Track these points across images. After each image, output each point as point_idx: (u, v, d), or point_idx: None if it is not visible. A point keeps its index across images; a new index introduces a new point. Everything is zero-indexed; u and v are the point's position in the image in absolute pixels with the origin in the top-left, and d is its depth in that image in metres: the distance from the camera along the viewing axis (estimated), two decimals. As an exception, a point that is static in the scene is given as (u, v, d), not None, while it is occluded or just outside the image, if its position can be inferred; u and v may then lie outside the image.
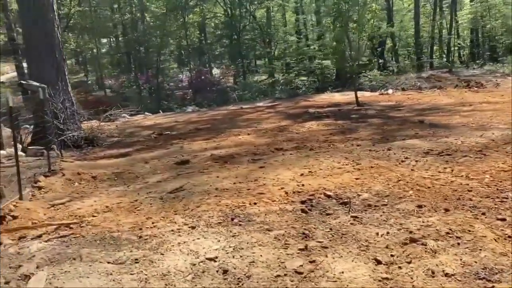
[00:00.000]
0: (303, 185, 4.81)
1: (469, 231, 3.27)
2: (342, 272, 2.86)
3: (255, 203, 4.34)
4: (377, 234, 3.41)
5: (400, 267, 2.89)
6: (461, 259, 2.88)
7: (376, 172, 5.09)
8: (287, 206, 4.21)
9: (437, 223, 3.47)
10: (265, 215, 4.02)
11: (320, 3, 22.91)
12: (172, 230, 3.84)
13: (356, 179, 4.88)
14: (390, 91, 17.57)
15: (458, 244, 3.10)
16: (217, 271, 3.04)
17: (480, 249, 2.98)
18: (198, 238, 3.63)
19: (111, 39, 30.97)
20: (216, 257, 3.26)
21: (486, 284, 2.58)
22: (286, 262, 3.05)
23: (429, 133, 7.35)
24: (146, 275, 3.05)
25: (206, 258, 3.25)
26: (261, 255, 3.22)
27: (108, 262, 3.28)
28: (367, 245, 3.24)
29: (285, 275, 2.89)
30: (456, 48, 32.13)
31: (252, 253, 3.27)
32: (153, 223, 4.09)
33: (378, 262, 2.97)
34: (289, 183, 4.96)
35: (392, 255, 3.05)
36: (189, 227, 3.89)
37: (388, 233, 3.40)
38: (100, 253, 3.44)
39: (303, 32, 29.24)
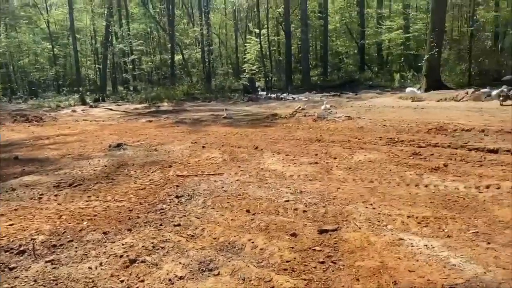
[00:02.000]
0: None
1: (167, 240, 3.82)
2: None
3: None
4: (90, 268, 3.36)
5: (138, 288, 3.07)
6: (180, 262, 3.39)
7: (27, 213, 4.67)
8: None
9: (136, 242, 3.79)
10: None
11: None
12: None
13: (10, 225, 4.32)
14: None
15: (168, 252, 3.59)
16: None
17: (187, 251, 3.60)
18: None
19: None
20: None
21: (212, 272, 3.23)
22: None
23: (37, 168, 7.15)
24: None
25: None
26: None
27: None
28: (92, 281, 3.16)
29: None
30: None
31: None
32: None
33: (115, 291, 3.02)
34: None
35: (122, 281, 3.16)
36: None
37: (101, 263, 3.42)
38: None
39: None
